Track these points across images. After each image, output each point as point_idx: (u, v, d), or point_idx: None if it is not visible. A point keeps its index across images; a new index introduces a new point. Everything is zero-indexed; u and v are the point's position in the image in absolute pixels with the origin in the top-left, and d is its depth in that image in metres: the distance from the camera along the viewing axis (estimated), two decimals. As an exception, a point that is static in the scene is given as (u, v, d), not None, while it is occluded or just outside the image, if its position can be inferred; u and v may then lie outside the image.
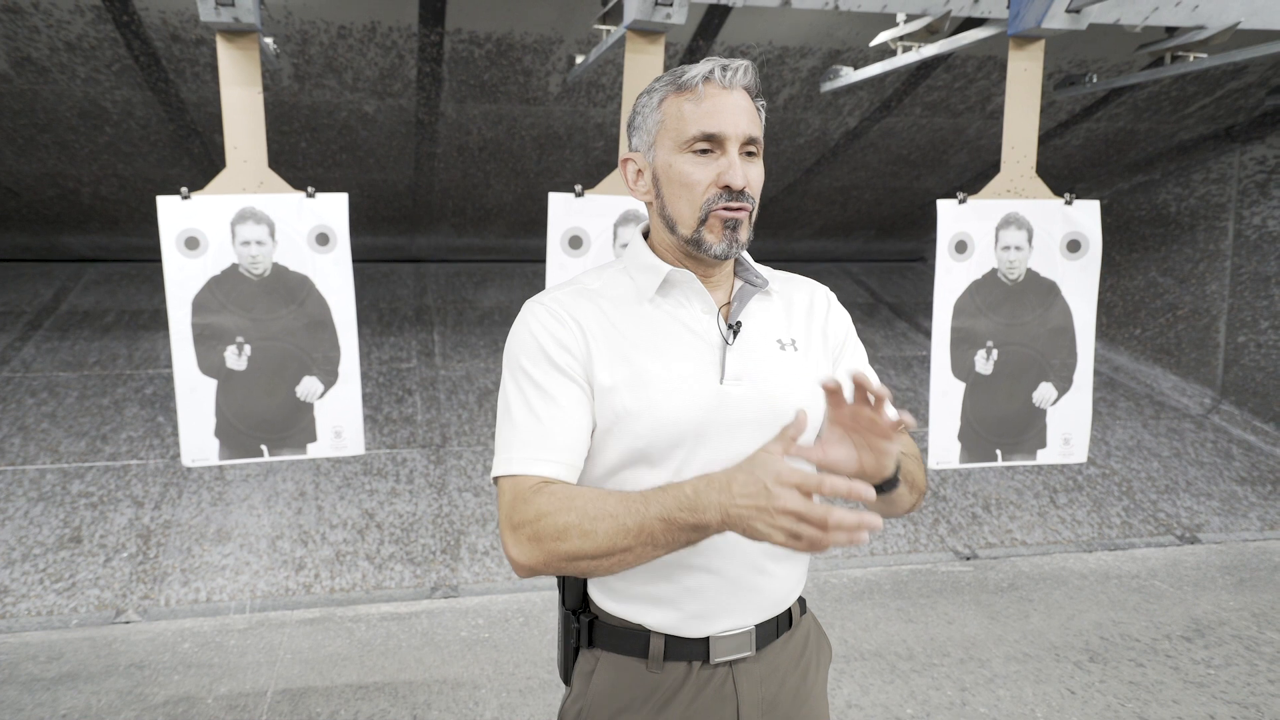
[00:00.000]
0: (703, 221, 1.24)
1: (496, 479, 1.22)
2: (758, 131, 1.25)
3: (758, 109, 1.28)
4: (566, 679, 1.36)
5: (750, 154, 1.25)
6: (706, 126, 1.21)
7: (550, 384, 1.22)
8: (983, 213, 3.04)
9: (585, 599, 1.33)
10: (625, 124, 2.88)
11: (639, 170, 1.31)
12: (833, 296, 1.44)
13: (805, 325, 1.36)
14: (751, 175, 1.24)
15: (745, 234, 1.25)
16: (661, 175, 1.27)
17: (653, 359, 1.24)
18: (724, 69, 1.22)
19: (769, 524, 1.00)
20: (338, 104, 4.70)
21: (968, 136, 5.65)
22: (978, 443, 3.14)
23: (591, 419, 1.23)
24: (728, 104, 1.22)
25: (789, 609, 1.34)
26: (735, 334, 1.28)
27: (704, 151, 1.23)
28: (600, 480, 1.27)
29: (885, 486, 1.22)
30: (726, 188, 1.22)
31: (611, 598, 1.29)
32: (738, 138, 1.22)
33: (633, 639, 1.28)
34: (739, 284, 1.33)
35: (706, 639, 1.27)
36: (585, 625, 1.31)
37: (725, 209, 1.22)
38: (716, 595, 1.26)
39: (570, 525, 1.11)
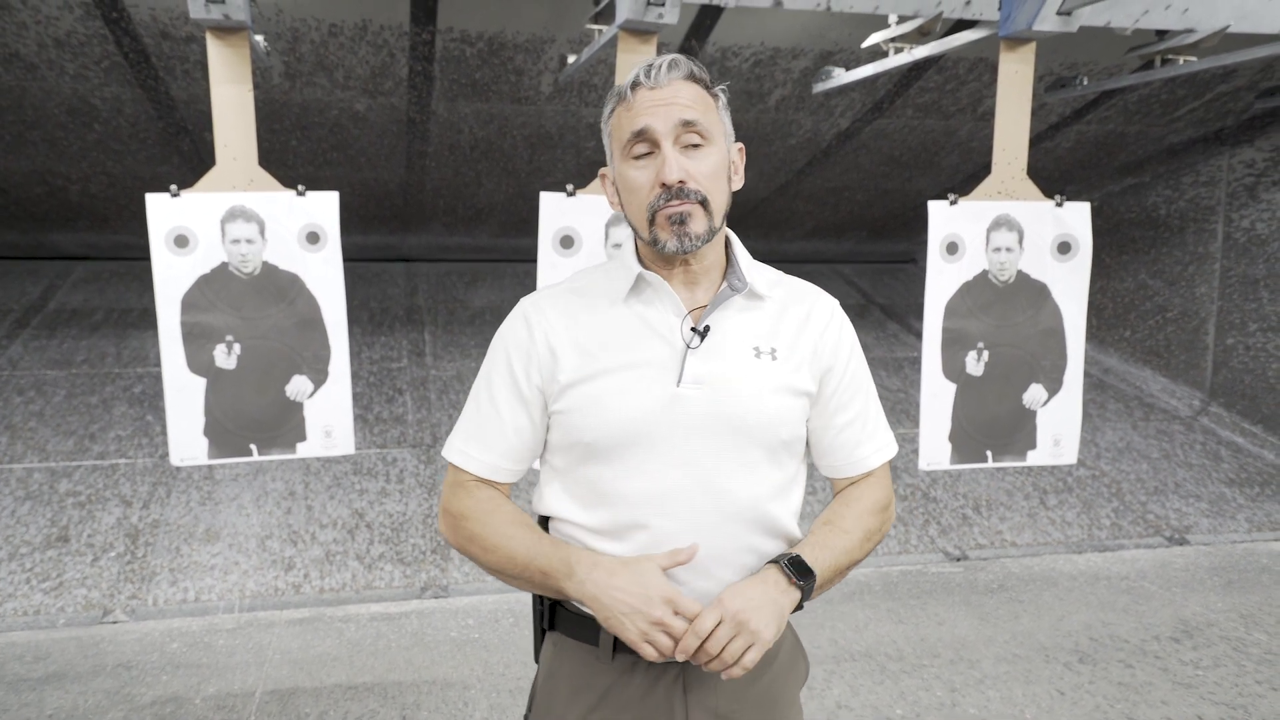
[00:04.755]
0: (651, 222, 1.25)
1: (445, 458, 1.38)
2: (696, 115, 1.23)
3: (713, 95, 1.28)
4: (537, 658, 1.41)
5: (693, 144, 1.24)
6: (635, 126, 1.24)
7: (502, 396, 1.32)
8: (974, 214, 3.05)
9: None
10: None
11: (612, 183, 1.35)
12: (839, 314, 1.40)
13: (794, 336, 1.33)
14: (695, 167, 1.23)
15: (698, 226, 1.24)
16: (619, 184, 1.31)
17: (613, 358, 1.27)
18: (647, 70, 1.24)
19: (634, 624, 1.16)
20: (329, 102, 4.68)
21: (959, 138, 5.67)
22: (968, 444, 3.14)
23: (534, 433, 1.33)
24: (654, 100, 1.23)
25: None
26: (703, 338, 1.27)
27: (645, 155, 1.25)
28: (561, 471, 1.33)
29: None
30: (664, 185, 1.22)
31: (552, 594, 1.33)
32: (669, 131, 1.22)
33: (586, 628, 1.30)
34: (723, 285, 1.32)
35: None
36: (547, 608, 1.36)
37: (667, 206, 1.23)
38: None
39: (478, 536, 1.29)
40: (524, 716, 1.40)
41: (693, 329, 1.28)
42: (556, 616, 1.35)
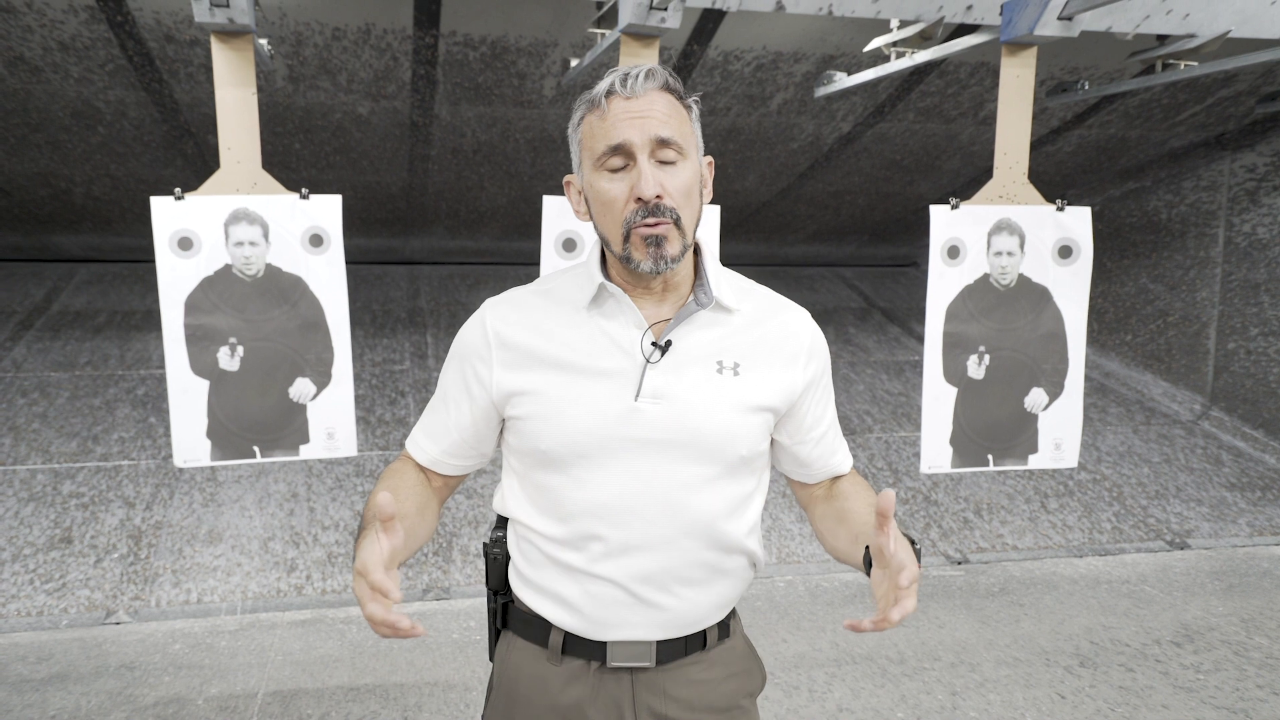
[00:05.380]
0: (626, 239, 1.22)
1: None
2: (672, 132, 1.20)
3: (687, 106, 1.25)
4: (491, 657, 1.43)
5: (668, 161, 1.21)
6: (611, 139, 1.20)
7: (453, 394, 1.35)
8: (975, 218, 3.05)
9: (506, 582, 1.39)
10: None
11: (579, 191, 1.31)
12: (811, 325, 1.38)
13: (763, 352, 1.31)
14: (670, 182, 1.20)
15: (673, 248, 1.21)
16: (589, 195, 1.27)
17: (571, 369, 1.26)
18: (624, 79, 1.20)
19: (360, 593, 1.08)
20: (332, 106, 4.70)
21: (960, 142, 5.67)
22: (969, 447, 3.15)
23: (478, 431, 1.35)
24: (630, 112, 1.19)
25: (703, 631, 1.33)
26: (664, 353, 1.26)
27: (619, 168, 1.21)
28: (520, 475, 1.34)
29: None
30: (640, 200, 1.19)
31: (524, 586, 1.34)
32: (645, 144, 1.19)
33: (537, 628, 1.32)
34: (690, 300, 1.30)
35: (604, 643, 1.28)
36: (500, 607, 1.38)
37: (644, 225, 1.19)
38: (616, 606, 1.26)
39: (369, 502, 1.22)
40: (481, 716, 1.41)
41: (654, 343, 1.26)
42: (509, 615, 1.37)
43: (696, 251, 1.32)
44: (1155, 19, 3.34)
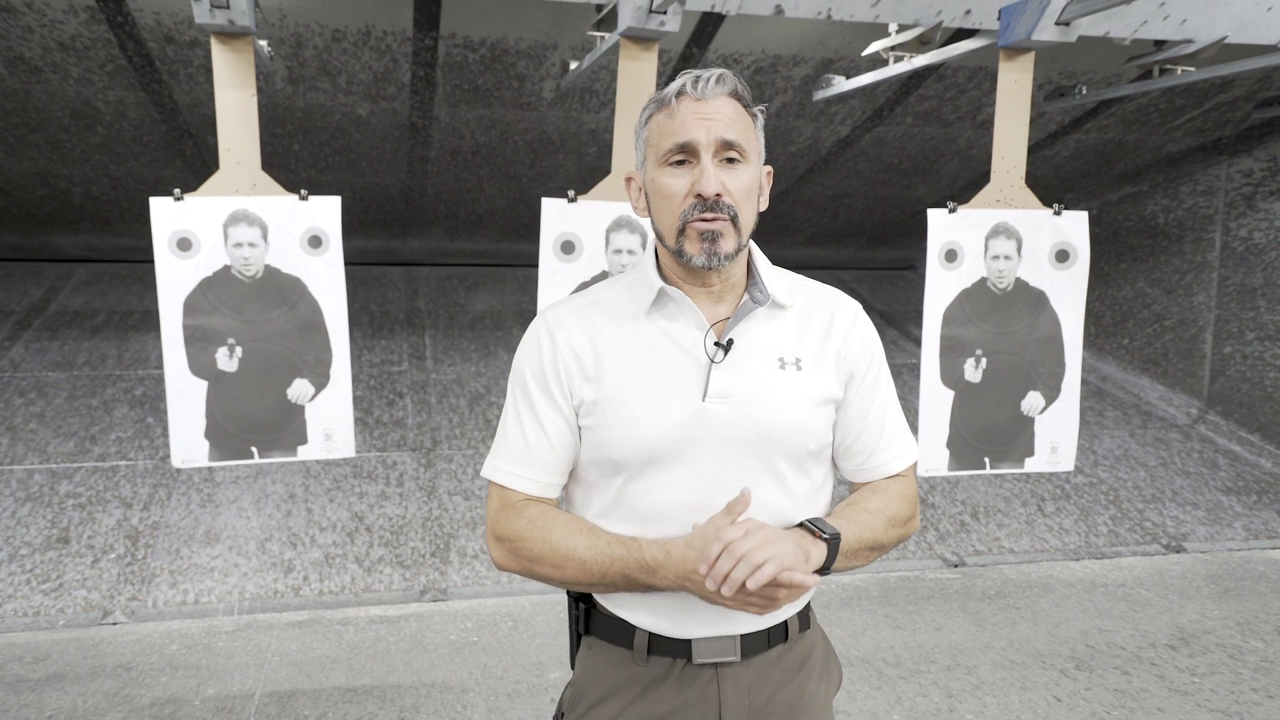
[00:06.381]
0: (681, 232, 1.25)
1: (489, 480, 1.36)
2: (736, 135, 1.24)
3: (753, 115, 1.28)
4: (572, 663, 1.41)
5: (731, 160, 1.24)
6: (678, 137, 1.23)
7: (539, 408, 1.31)
8: (973, 222, 3.06)
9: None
10: (618, 131, 2.89)
11: (639, 188, 1.34)
12: (861, 316, 1.40)
13: (819, 344, 1.33)
14: (731, 183, 1.24)
15: (728, 245, 1.24)
16: (649, 190, 1.30)
17: (637, 374, 1.27)
18: (695, 80, 1.24)
19: (703, 588, 1.15)
20: (331, 107, 4.70)
21: (958, 146, 5.68)
22: (966, 450, 3.15)
23: (575, 441, 1.32)
24: (699, 113, 1.23)
25: (784, 623, 1.34)
26: (726, 351, 1.27)
27: (680, 163, 1.25)
28: (585, 482, 1.33)
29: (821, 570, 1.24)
30: (699, 196, 1.22)
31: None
32: (710, 144, 1.22)
33: (621, 630, 1.32)
34: (745, 298, 1.32)
35: (689, 640, 1.29)
36: (583, 613, 1.37)
37: (700, 219, 1.23)
38: (699, 603, 1.27)
39: (543, 555, 1.26)
40: (554, 717, 1.41)
41: (715, 343, 1.28)
42: (591, 621, 1.36)
43: (749, 255, 1.35)
44: (1152, 24, 3.36)
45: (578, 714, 1.35)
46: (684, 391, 1.26)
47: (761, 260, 1.35)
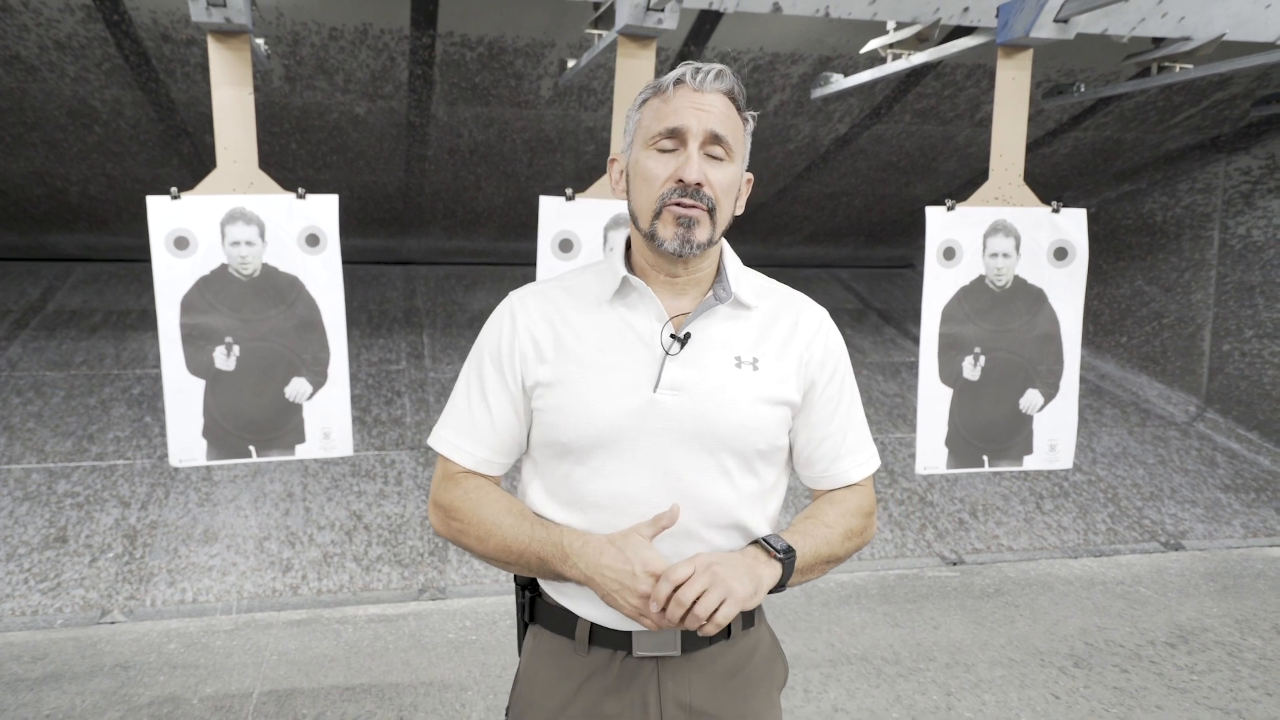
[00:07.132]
0: (657, 215, 1.26)
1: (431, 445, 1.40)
2: (726, 131, 1.25)
3: (744, 118, 1.30)
4: (520, 652, 1.44)
5: (716, 157, 1.26)
6: (669, 122, 1.25)
7: (489, 387, 1.34)
8: (971, 220, 3.06)
9: (533, 577, 1.39)
10: (616, 130, 2.89)
11: (621, 170, 1.36)
12: (827, 323, 1.40)
13: (780, 347, 1.33)
14: (714, 175, 1.25)
15: (701, 234, 1.25)
16: (631, 171, 1.32)
17: (594, 360, 1.29)
18: (695, 71, 1.26)
19: (625, 599, 1.17)
20: (329, 105, 4.70)
21: (956, 144, 5.68)
22: (965, 448, 3.15)
23: (519, 425, 1.34)
24: (693, 103, 1.25)
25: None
26: (683, 345, 1.28)
27: (669, 150, 1.26)
28: (536, 463, 1.35)
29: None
30: (681, 181, 1.23)
31: (550, 581, 1.35)
32: (699, 134, 1.24)
33: (564, 620, 1.33)
34: (710, 295, 1.32)
35: (629, 633, 1.30)
36: (528, 601, 1.39)
37: (678, 204, 1.24)
38: None
39: (469, 528, 1.30)
40: (505, 709, 1.42)
41: (673, 335, 1.28)
42: (536, 609, 1.38)
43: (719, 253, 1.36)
44: (1151, 22, 3.35)
45: (523, 706, 1.37)
46: (636, 381, 1.27)
47: (732, 260, 1.36)
